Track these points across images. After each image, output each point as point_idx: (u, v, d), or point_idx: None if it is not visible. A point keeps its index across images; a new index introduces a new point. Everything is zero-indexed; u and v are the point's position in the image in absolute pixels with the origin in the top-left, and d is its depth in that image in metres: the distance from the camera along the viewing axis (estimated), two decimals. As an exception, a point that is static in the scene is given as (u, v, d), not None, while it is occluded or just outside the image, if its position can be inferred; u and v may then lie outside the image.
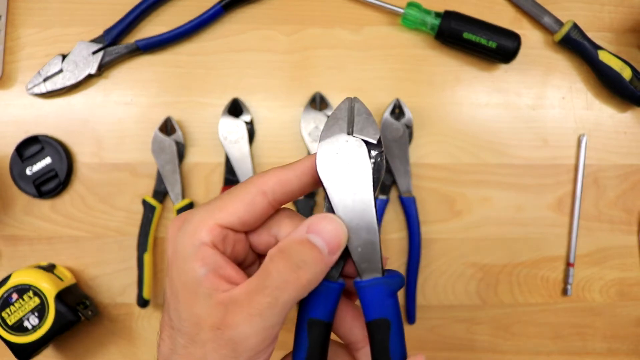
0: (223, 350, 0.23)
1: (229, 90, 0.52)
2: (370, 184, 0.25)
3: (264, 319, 0.23)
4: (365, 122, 0.25)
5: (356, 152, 0.25)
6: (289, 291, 0.23)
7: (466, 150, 0.52)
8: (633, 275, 0.53)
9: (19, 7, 0.52)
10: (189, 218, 0.25)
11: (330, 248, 0.24)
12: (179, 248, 0.24)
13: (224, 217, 0.24)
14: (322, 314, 0.26)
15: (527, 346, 0.52)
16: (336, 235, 0.24)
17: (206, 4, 0.51)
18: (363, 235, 0.25)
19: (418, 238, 0.51)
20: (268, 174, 0.25)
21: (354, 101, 0.26)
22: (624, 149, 0.53)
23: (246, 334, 0.23)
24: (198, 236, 0.24)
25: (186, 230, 0.25)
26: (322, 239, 0.24)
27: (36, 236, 0.51)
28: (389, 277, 0.26)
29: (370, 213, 0.25)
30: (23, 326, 0.45)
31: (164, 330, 0.26)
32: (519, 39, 0.49)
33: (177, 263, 0.24)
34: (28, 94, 0.50)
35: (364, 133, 0.25)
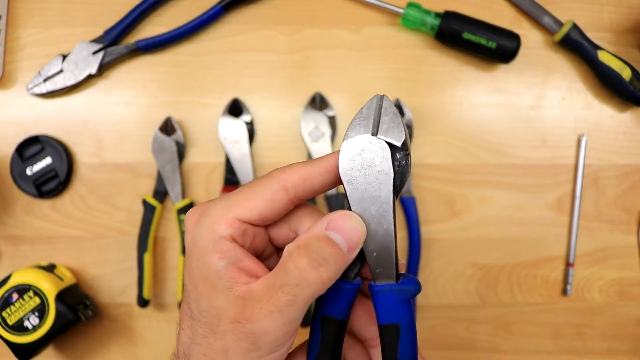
0: (244, 343, 0.23)
1: (229, 90, 0.52)
2: (391, 188, 0.24)
3: (283, 315, 0.23)
4: (391, 123, 0.25)
5: (379, 155, 0.24)
6: (308, 288, 0.23)
7: (466, 150, 0.52)
8: (633, 275, 0.53)
9: (19, 7, 0.52)
10: (207, 211, 0.25)
11: (349, 246, 0.24)
12: (197, 241, 0.24)
13: (243, 212, 0.24)
14: (336, 312, 0.26)
15: (526, 346, 0.52)
16: (355, 232, 0.24)
17: (206, 4, 0.51)
18: (379, 240, 0.25)
19: (418, 238, 0.51)
20: (290, 170, 0.25)
21: (382, 99, 0.25)
22: (623, 149, 0.53)
23: (266, 330, 0.23)
24: (217, 230, 0.24)
25: (205, 224, 0.24)
26: (341, 235, 0.24)
27: (36, 236, 0.51)
28: (404, 283, 0.25)
29: (389, 218, 0.24)
30: (23, 326, 0.45)
31: (184, 320, 0.26)
32: (518, 39, 0.50)
33: (196, 256, 0.24)
34: (28, 94, 0.50)
35: (388, 135, 0.24)
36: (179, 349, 0.26)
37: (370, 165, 0.25)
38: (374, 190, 0.24)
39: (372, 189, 0.25)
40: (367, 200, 0.25)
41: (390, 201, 0.24)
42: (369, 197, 0.25)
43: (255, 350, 0.23)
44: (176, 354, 0.27)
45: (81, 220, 0.51)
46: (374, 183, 0.24)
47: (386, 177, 0.24)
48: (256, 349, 0.23)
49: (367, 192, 0.25)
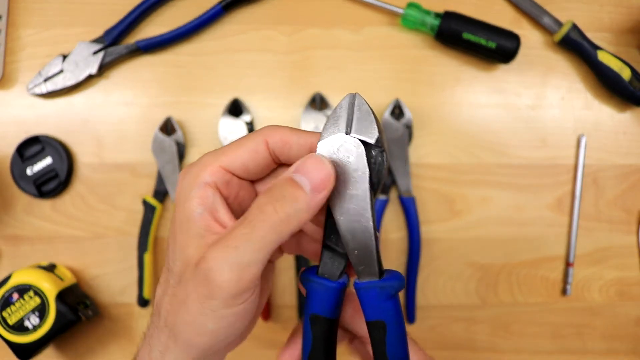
0: (200, 288, 0.23)
1: (229, 90, 0.52)
2: (367, 186, 0.24)
3: (238, 252, 0.22)
4: (364, 121, 0.24)
5: (354, 153, 0.24)
6: (266, 224, 0.23)
7: (466, 150, 0.52)
8: (632, 275, 0.53)
9: (19, 8, 0.52)
10: (195, 163, 0.26)
11: (313, 186, 0.23)
12: (183, 189, 0.25)
13: (227, 161, 0.25)
14: (324, 311, 0.26)
15: (526, 345, 0.52)
16: (320, 174, 0.23)
17: (206, 4, 0.51)
18: (359, 238, 0.25)
19: (418, 238, 0.51)
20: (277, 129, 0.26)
21: (354, 97, 0.25)
22: (623, 149, 0.53)
23: (220, 268, 0.22)
24: (201, 176, 0.25)
25: (191, 172, 0.25)
26: (305, 177, 0.23)
27: (37, 236, 0.51)
28: (387, 279, 0.25)
29: (367, 216, 0.24)
30: (24, 326, 0.45)
31: (163, 274, 0.26)
32: (518, 39, 0.50)
33: (179, 203, 0.25)
34: (29, 94, 0.50)
35: (362, 133, 0.24)
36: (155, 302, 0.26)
37: (346, 164, 0.24)
38: (351, 189, 0.24)
39: (349, 187, 0.24)
40: (345, 198, 0.24)
41: (368, 199, 0.24)
42: (346, 196, 0.24)
43: (210, 297, 0.23)
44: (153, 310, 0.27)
45: (81, 220, 0.51)
46: (350, 181, 0.24)
47: (362, 175, 0.24)
48: (211, 296, 0.23)
49: (344, 191, 0.25)
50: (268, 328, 0.51)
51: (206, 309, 0.23)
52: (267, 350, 0.51)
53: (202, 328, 0.24)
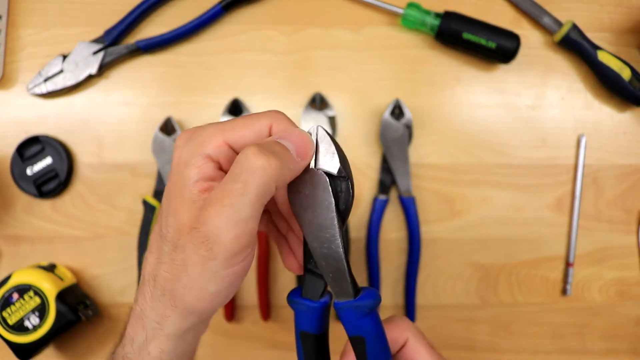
0: (200, 250, 0.23)
1: (229, 90, 0.52)
2: (334, 215, 0.25)
3: (235, 209, 0.23)
4: (326, 153, 0.26)
5: (318, 185, 0.26)
6: (258, 173, 0.23)
7: (466, 150, 0.52)
8: (632, 275, 0.53)
9: (19, 8, 0.52)
10: (199, 131, 0.26)
11: (298, 151, 0.25)
12: (183, 155, 0.25)
13: (232, 138, 0.25)
14: (310, 328, 0.28)
15: (526, 345, 0.52)
16: (303, 142, 0.25)
17: (206, 4, 0.51)
18: (332, 263, 0.26)
19: (418, 238, 0.51)
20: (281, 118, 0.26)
21: (317, 129, 0.26)
22: (623, 149, 0.53)
23: (219, 227, 0.23)
24: (205, 148, 0.25)
25: (195, 141, 0.25)
26: (291, 142, 0.25)
27: (37, 236, 0.51)
28: (361, 298, 0.27)
29: (337, 242, 0.26)
30: (24, 326, 0.45)
31: (153, 242, 0.26)
32: (518, 39, 0.50)
33: (178, 169, 0.25)
34: (29, 94, 0.50)
35: (325, 165, 0.26)
36: (147, 272, 0.26)
37: (312, 195, 0.26)
38: (321, 219, 0.26)
39: (318, 216, 0.26)
40: (317, 227, 0.26)
41: (336, 226, 0.26)
42: (317, 225, 0.26)
43: (211, 258, 0.23)
44: (142, 279, 0.27)
45: (81, 220, 0.51)
46: (318, 211, 0.26)
47: (328, 205, 0.26)
48: (212, 256, 0.23)
49: (315, 220, 0.26)
50: (268, 328, 0.51)
51: (207, 271, 0.23)
52: (267, 350, 0.51)
53: (203, 292, 0.24)
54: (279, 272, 0.52)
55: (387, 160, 0.51)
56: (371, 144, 0.52)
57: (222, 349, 0.51)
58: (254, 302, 0.51)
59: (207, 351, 0.51)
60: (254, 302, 0.51)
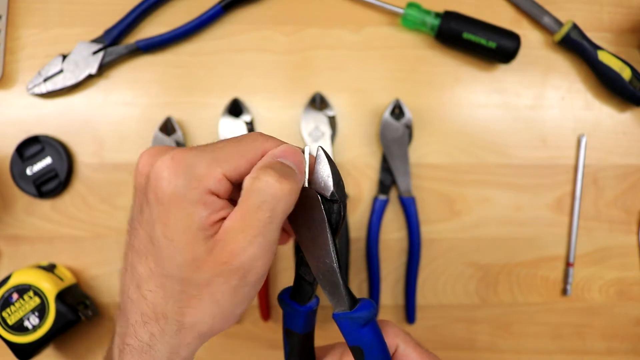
0: (232, 281, 0.24)
1: (229, 90, 0.52)
2: (327, 232, 0.26)
3: (265, 236, 0.24)
4: (322, 174, 0.27)
5: (312, 205, 0.27)
6: (282, 200, 0.24)
7: (466, 150, 0.52)
8: (632, 274, 0.53)
9: (19, 7, 0.52)
10: (191, 161, 0.24)
11: (298, 168, 0.26)
12: (181, 191, 0.24)
13: (230, 171, 0.25)
14: (294, 327, 0.30)
15: (526, 345, 0.52)
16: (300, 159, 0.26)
17: (206, 4, 0.51)
18: (328, 277, 0.27)
19: (418, 238, 0.51)
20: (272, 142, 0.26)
21: (318, 150, 0.27)
22: (623, 149, 0.53)
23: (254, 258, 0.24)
24: (206, 184, 0.24)
25: (191, 176, 0.24)
26: (291, 161, 0.26)
27: (36, 236, 0.51)
28: (357, 310, 0.28)
29: (331, 257, 0.27)
30: (23, 326, 0.45)
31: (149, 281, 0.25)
32: (518, 39, 0.50)
33: (178, 207, 0.24)
34: (28, 94, 0.50)
35: (319, 186, 0.27)
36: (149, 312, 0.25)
37: (308, 214, 0.27)
38: (315, 235, 0.27)
39: (313, 234, 0.27)
40: (312, 242, 0.27)
41: (330, 243, 0.27)
42: (312, 240, 0.27)
43: (243, 285, 0.24)
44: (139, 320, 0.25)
45: (81, 220, 0.51)
46: (313, 229, 0.27)
47: (321, 224, 0.26)
48: (245, 283, 0.24)
49: (310, 236, 0.27)
50: (268, 328, 0.51)
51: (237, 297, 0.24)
52: (267, 350, 0.51)
53: (230, 315, 0.25)
54: (279, 272, 0.52)
55: (387, 160, 0.51)
56: (371, 144, 0.52)
57: (221, 348, 0.51)
58: (254, 302, 0.51)
59: (207, 351, 0.51)
60: (254, 302, 0.51)
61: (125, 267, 0.27)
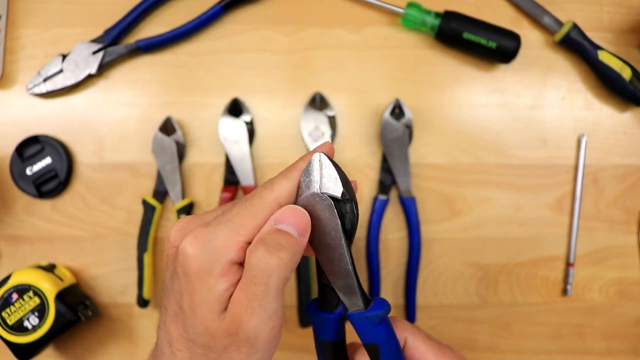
0: (243, 349, 0.26)
1: (229, 90, 0.52)
2: (341, 235, 0.27)
3: (264, 307, 0.25)
4: (330, 178, 0.27)
5: (324, 208, 0.27)
6: (274, 273, 0.25)
7: (466, 150, 0.52)
8: (632, 275, 0.53)
9: (19, 7, 0.52)
10: (211, 235, 0.26)
11: (299, 231, 0.26)
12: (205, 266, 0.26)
13: (249, 234, 0.26)
14: (327, 337, 0.30)
15: (526, 345, 0.52)
16: (300, 220, 0.27)
17: (206, 4, 0.51)
18: (342, 279, 0.28)
19: (418, 238, 0.51)
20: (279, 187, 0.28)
21: (320, 156, 0.28)
22: (623, 149, 0.53)
23: (257, 327, 0.25)
24: (227, 255, 0.26)
25: (213, 248, 0.26)
26: (289, 225, 0.26)
27: (36, 236, 0.51)
28: (372, 309, 0.29)
29: (345, 260, 0.28)
30: (23, 326, 0.45)
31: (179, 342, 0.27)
32: (518, 39, 0.50)
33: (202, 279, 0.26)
34: (28, 94, 0.50)
35: (329, 189, 0.27)
36: None
37: (322, 218, 0.28)
38: (330, 239, 0.28)
39: (327, 237, 0.28)
40: (326, 247, 0.28)
41: (344, 245, 0.27)
42: (326, 245, 0.28)
43: (254, 352, 0.26)
44: None
45: (81, 220, 0.51)
46: (327, 232, 0.28)
47: (335, 227, 0.27)
48: (255, 351, 0.26)
49: (324, 240, 0.28)
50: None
51: None
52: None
53: None
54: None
55: (387, 160, 0.51)
56: (371, 144, 0.52)
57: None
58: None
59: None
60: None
61: (160, 324, 0.29)
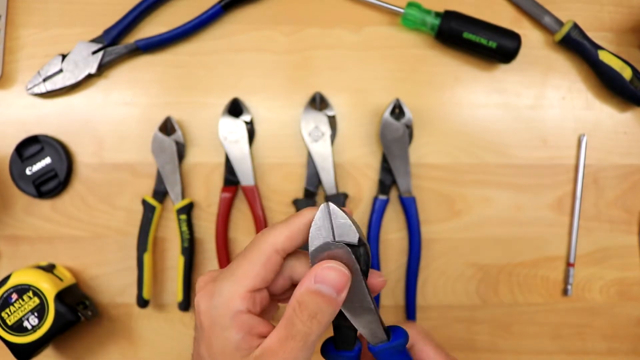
0: None
1: (229, 90, 0.52)
2: (361, 278, 0.28)
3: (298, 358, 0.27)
4: (343, 227, 0.28)
5: (342, 254, 0.28)
6: (313, 333, 0.27)
7: (466, 150, 0.52)
8: (633, 275, 0.53)
9: (19, 7, 0.52)
10: (218, 290, 0.28)
11: (337, 290, 0.27)
12: (215, 319, 0.28)
13: (250, 283, 0.28)
14: None
15: (527, 346, 0.52)
16: (340, 279, 0.27)
17: (206, 4, 0.51)
18: (366, 318, 0.29)
19: (418, 238, 0.51)
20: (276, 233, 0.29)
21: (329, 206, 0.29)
22: (623, 149, 0.53)
23: None
24: (233, 306, 0.27)
25: (220, 303, 0.28)
26: (328, 285, 0.27)
27: (36, 236, 0.51)
28: (394, 339, 0.30)
29: (367, 300, 0.29)
30: (23, 326, 0.45)
31: None
32: (519, 39, 0.49)
33: (215, 333, 0.28)
34: (28, 93, 0.50)
35: (344, 237, 0.28)
36: None
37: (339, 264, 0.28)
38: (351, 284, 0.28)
39: None
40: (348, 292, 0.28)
41: (365, 288, 0.29)
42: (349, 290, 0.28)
43: None
44: None
45: (81, 220, 0.51)
46: None
47: (355, 271, 0.28)
48: None
49: None
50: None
51: None
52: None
53: None
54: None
55: (387, 160, 0.51)
56: (371, 144, 0.52)
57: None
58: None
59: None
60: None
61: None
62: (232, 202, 0.51)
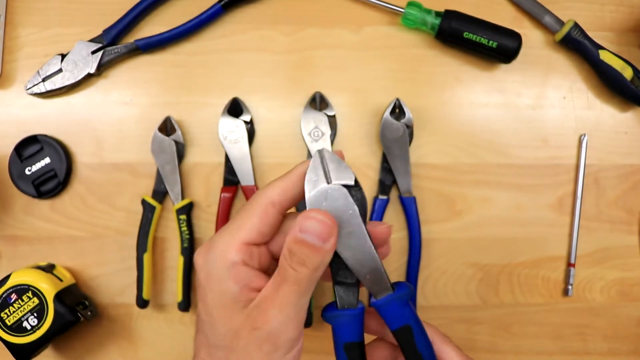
0: (265, 346, 0.26)
1: (229, 90, 0.51)
2: (360, 221, 0.28)
3: (294, 305, 0.27)
4: (339, 169, 0.28)
5: (340, 197, 0.28)
6: (305, 279, 0.27)
7: (466, 150, 0.52)
8: (634, 275, 0.53)
9: (18, 7, 0.52)
10: (213, 244, 0.28)
11: (322, 239, 0.27)
12: (212, 272, 0.27)
13: (245, 235, 0.28)
14: (353, 337, 0.30)
15: (527, 346, 0.52)
16: (321, 229, 0.27)
17: (206, 3, 0.51)
18: (367, 265, 0.28)
19: (418, 238, 0.51)
20: (271, 186, 0.29)
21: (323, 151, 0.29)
22: (624, 149, 0.53)
23: (283, 323, 0.26)
24: (228, 257, 0.27)
25: (215, 255, 0.28)
26: (312, 234, 0.27)
27: (36, 236, 0.51)
28: (399, 290, 0.29)
29: (368, 245, 0.28)
30: (22, 327, 0.45)
31: (202, 350, 0.29)
32: (519, 38, 0.49)
33: (211, 285, 0.27)
34: (27, 93, 0.50)
35: (340, 179, 0.28)
36: None
37: (337, 208, 0.28)
38: (347, 227, 0.28)
39: (345, 226, 0.28)
40: (344, 237, 0.28)
41: (364, 231, 0.28)
42: (345, 234, 0.28)
43: (274, 350, 0.27)
44: None
45: (80, 220, 0.51)
46: (344, 221, 0.28)
47: (353, 213, 0.28)
48: (276, 348, 0.27)
49: (342, 231, 0.28)
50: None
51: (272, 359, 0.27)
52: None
53: None
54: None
55: (387, 160, 0.51)
56: (371, 144, 0.52)
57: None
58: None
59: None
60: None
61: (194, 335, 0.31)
62: (232, 202, 0.51)
